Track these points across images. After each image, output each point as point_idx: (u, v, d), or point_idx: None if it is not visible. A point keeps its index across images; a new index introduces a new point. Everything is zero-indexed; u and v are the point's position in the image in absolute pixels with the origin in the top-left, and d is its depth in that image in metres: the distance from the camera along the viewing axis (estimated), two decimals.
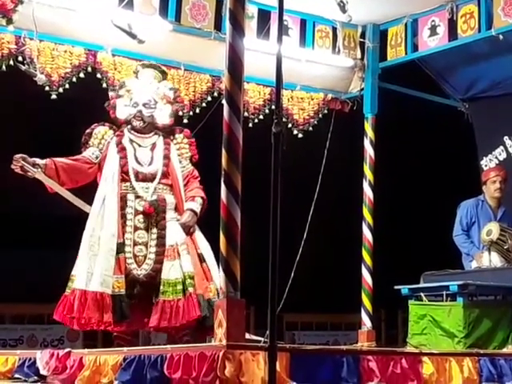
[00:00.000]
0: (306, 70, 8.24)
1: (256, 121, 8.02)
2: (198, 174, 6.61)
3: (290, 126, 8.26)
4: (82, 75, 7.11)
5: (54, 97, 6.95)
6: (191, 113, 7.55)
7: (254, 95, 8.04)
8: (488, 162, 9.27)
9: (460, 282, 6.44)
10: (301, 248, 6.81)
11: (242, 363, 4.39)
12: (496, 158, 9.26)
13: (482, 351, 5.85)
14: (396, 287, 6.89)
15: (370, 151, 8.40)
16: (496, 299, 6.73)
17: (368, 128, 8.46)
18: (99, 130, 6.58)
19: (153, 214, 6.34)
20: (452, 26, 7.85)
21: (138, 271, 6.28)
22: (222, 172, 4.70)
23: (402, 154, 12.04)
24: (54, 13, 6.82)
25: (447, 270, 7.22)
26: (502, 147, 9.22)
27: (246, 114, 7.74)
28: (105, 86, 7.18)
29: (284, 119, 7.84)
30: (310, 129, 8.44)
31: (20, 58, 6.79)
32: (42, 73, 6.81)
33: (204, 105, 7.68)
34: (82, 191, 6.55)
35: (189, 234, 6.39)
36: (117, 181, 6.36)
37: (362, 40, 8.48)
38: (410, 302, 6.79)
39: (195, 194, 6.49)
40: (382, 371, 4.98)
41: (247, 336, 4.90)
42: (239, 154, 4.70)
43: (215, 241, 4.75)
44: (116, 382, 4.87)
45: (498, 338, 6.49)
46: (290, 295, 5.53)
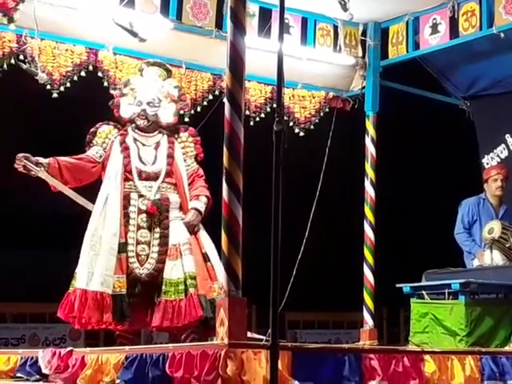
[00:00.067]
0: (307, 68, 8.24)
1: (257, 119, 8.02)
2: (203, 172, 6.58)
3: (291, 124, 8.26)
4: (83, 74, 7.11)
5: (55, 95, 6.95)
6: (192, 111, 7.55)
7: (256, 93, 8.04)
8: (489, 160, 9.27)
9: (462, 281, 6.44)
10: (302, 246, 6.81)
11: (243, 362, 4.39)
12: (497, 156, 9.25)
13: (483, 349, 5.85)
14: (398, 285, 6.89)
15: (371, 149, 8.40)
16: (498, 297, 6.73)
17: (369, 126, 8.45)
18: (103, 128, 6.57)
19: (156, 213, 6.33)
20: (453, 24, 7.84)
21: (140, 270, 6.27)
22: (224, 170, 4.71)
23: (404, 152, 12.04)
24: (55, 11, 6.82)
25: (449, 268, 7.21)
26: (503, 145, 9.22)
27: (247, 112, 7.72)
28: (106, 84, 7.18)
29: (285, 117, 7.84)
30: (312, 127, 8.43)
31: (21, 57, 6.79)
32: (44, 71, 6.81)
33: (205, 103, 7.68)
34: (85, 190, 6.55)
35: (193, 233, 6.36)
36: (120, 180, 6.34)
37: (363, 38, 8.48)
38: (411, 300, 6.79)
39: (200, 193, 6.46)
40: (383, 370, 4.98)
41: (249, 334, 4.90)
42: (240, 152, 4.70)
43: (219, 239, 4.75)
44: (118, 381, 4.87)
45: (500, 336, 6.49)
46: (291, 294, 5.52)
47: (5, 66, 6.73)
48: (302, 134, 8.37)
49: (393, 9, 8.16)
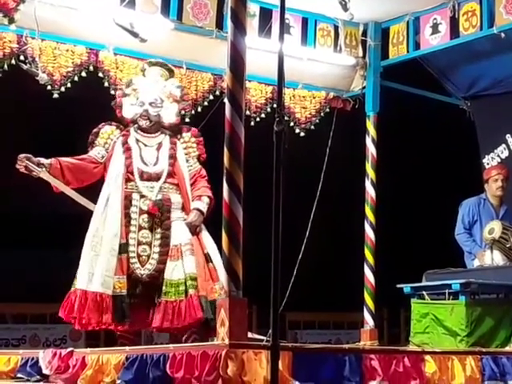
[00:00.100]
0: (307, 68, 8.23)
1: (258, 119, 8.02)
2: (205, 173, 6.56)
3: (291, 124, 8.26)
4: (83, 74, 7.11)
5: (55, 96, 6.94)
6: (193, 111, 7.54)
7: (256, 94, 8.04)
8: (490, 161, 9.26)
9: (462, 281, 6.43)
10: (303, 247, 6.81)
11: (244, 362, 4.39)
12: (498, 156, 9.25)
13: (484, 350, 5.85)
14: (398, 286, 6.88)
15: (371, 149, 8.40)
16: (498, 297, 6.72)
17: (370, 126, 8.45)
18: (106, 129, 6.57)
19: (157, 214, 6.32)
20: (454, 24, 7.84)
21: (141, 271, 6.26)
22: (224, 171, 4.70)
23: (404, 152, 12.05)
24: (55, 12, 6.82)
25: (449, 269, 7.21)
26: (504, 145, 9.22)
27: (247, 112, 7.73)
28: (107, 84, 7.18)
29: (286, 118, 7.83)
30: (312, 127, 8.43)
31: (22, 57, 6.79)
32: (44, 72, 6.81)
33: (206, 103, 7.68)
34: (87, 190, 6.54)
35: (195, 233, 6.35)
36: (121, 181, 6.33)
37: (363, 38, 8.47)
38: (412, 300, 6.78)
39: (202, 194, 6.44)
40: (384, 370, 4.98)
41: (249, 335, 4.90)
42: (241, 152, 4.70)
43: (221, 240, 4.74)
44: (118, 382, 4.87)
45: (501, 336, 6.48)
46: (292, 294, 5.53)
47: (5, 66, 6.73)
48: (302, 134, 8.37)
49: (393, 9, 8.15)
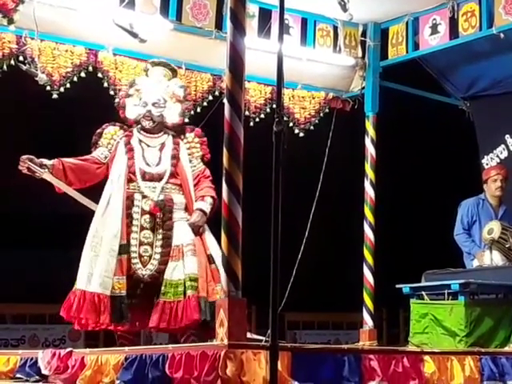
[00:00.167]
0: (307, 68, 8.23)
1: (257, 120, 8.02)
2: (209, 173, 6.53)
3: (291, 124, 8.25)
4: (83, 75, 7.11)
5: (55, 96, 6.94)
6: (192, 112, 7.54)
7: (255, 94, 8.04)
8: (489, 161, 9.27)
9: (461, 281, 6.44)
10: (302, 247, 6.80)
11: (243, 362, 4.39)
12: (497, 156, 9.25)
13: (483, 350, 5.85)
14: (397, 286, 6.88)
15: (371, 150, 8.40)
16: (497, 298, 6.72)
17: (369, 127, 8.45)
18: (109, 129, 6.57)
19: (158, 214, 6.32)
20: (453, 24, 7.84)
21: (143, 271, 6.25)
22: (224, 171, 4.71)
23: (403, 152, 12.05)
24: (54, 12, 6.82)
25: (449, 269, 7.21)
26: (503, 146, 9.22)
27: (247, 112, 7.73)
28: (106, 85, 7.18)
29: (285, 118, 7.83)
30: (311, 128, 8.43)
31: (21, 58, 6.79)
32: (43, 72, 6.81)
33: (205, 104, 7.68)
34: (90, 191, 6.53)
35: (198, 234, 6.33)
36: (123, 181, 6.32)
37: (362, 39, 8.47)
38: (411, 300, 6.78)
39: (205, 194, 6.41)
40: (383, 370, 4.98)
41: (249, 335, 4.90)
42: (240, 152, 4.70)
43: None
44: (118, 382, 4.87)
45: (500, 336, 6.48)
46: (291, 294, 5.52)
47: (5, 67, 6.73)
48: (301, 134, 8.37)
49: (392, 9, 8.16)
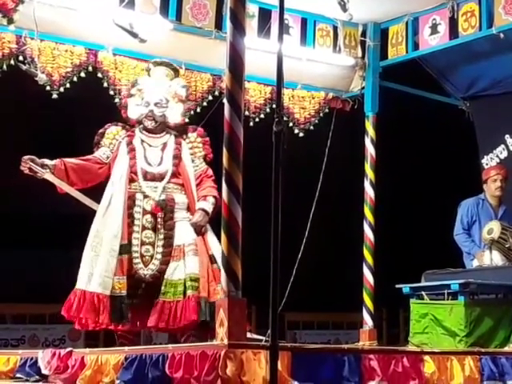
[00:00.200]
0: (306, 68, 8.23)
1: (257, 120, 8.01)
2: (212, 173, 6.52)
3: (290, 124, 8.25)
4: (82, 75, 7.11)
5: (54, 96, 6.94)
6: (192, 112, 7.54)
7: (255, 94, 8.03)
8: (489, 161, 9.27)
9: (461, 281, 6.44)
10: (302, 247, 6.80)
11: (243, 362, 4.39)
12: (497, 156, 9.25)
13: (483, 350, 5.85)
14: (397, 286, 6.88)
15: (370, 150, 8.40)
16: (497, 298, 6.72)
17: (369, 127, 8.45)
18: (111, 130, 6.57)
19: (160, 214, 6.31)
20: (453, 24, 7.84)
21: (145, 271, 6.25)
22: (223, 171, 4.71)
23: (403, 152, 12.04)
24: (54, 12, 6.82)
25: (448, 269, 7.21)
26: (503, 146, 9.22)
27: (246, 112, 7.72)
28: (106, 85, 7.18)
29: (285, 118, 7.83)
30: (311, 128, 8.43)
31: (21, 58, 6.78)
32: (43, 72, 6.81)
33: (205, 104, 7.67)
34: (92, 191, 6.53)
35: (200, 233, 6.32)
36: (124, 181, 6.32)
37: (362, 39, 8.47)
38: (411, 300, 6.78)
39: (207, 194, 6.41)
40: (383, 370, 4.98)
41: (248, 335, 4.90)
42: (240, 152, 4.70)
43: None
44: (117, 382, 4.87)
45: (500, 336, 6.48)
46: (291, 294, 5.52)
47: (4, 66, 6.73)
48: (301, 134, 8.37)
49: (392, 9, 8.16)
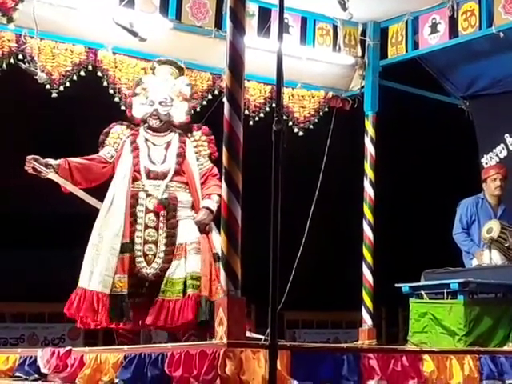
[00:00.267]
0: (306, 67, 8.23)
1: (257, 119, 8.01)
2: (217, 171, 6.48)
3: (290, 123, 8.25)
4: (82, 73, 7.11)
5: (54, 95, 6.94)
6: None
7: (255, 93, 8.03)
8: (488, 160, 9.27)
9: (461, 280, 6.44)
10: (302, 246, 6.80)
11: (242, 361, 4.39)
12: (497, 155, 9.26)
13: (482, 349, 5.85)
14: (397, 285, 6.89)
15: (370, 149, 8.40)
16: (497, 297, 6.73)
17: (369, 126, 8.46)
18: (116, 129, 6.57)
19: (162, 213, 6.31)
20: (453, 23, 7.85)
21: (147, 270, 6.24)
22: (223, 170, 4.71)
23: (403, 151, 12.04)
24: (54, 11, 6.82)
25: (448, 268, 7.21)
26: (502, 145, 9.22)
27: (246, 111, 7.73)
28: (105, 84, 7.18)
29: (284, 117, 7.81)
30: (311, 127, 8.43)
31: (20, 57, 6.79)
32: (43, 71, 6.81)
33: (205, 103, 7.67)
34: (96, 190, 6.52)
35: (204, 232, 6.31)
36: (127, 180, 6.32)
37: (362, 38, 8.48)
38: (410, 299, 6.79)
39: (212, 192, 6.38)
40: (382, 369, 4.98)
41: (248, 334, 4.90)
42: (240, 151, 4.71)
43: None
44: (117, 380, 4.88)
45: (499, 335, 6.49)
46: (290, 293, 5.52)
47: (4, 65, 6.74)
48: (301, 133, 8.37)
49: (392, 8, 8.16)
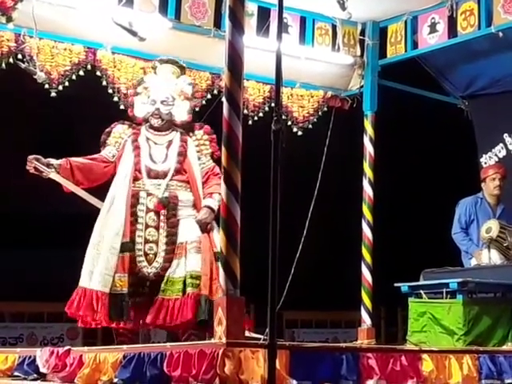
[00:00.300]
0: (305, 67, 8.23)
1: (256, 118, 8.01)
2: (219, 170, 6.43)
3: (289, 123, 8.25)
4: (81, 73, 7.11)
5: (53, 94, 6.95)
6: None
7: (254, 93, 8.04)
8: (488, 160, 9.27)
9: (460, 280, 6.44)
10: (300, 246, 6.81)
11: (241, 361, 4.39)
12: (496, 155, 9.26)
13: (481, 348, 5.85)
14: (396, 285, 6.88)
15: (369, 149, 8.41)
16: (496, 296, 6.72)
17: (368, 125, 8.46)
18: (118, 128, 6.57)
19: (163, 212, 6.31)
20: (452, 23, 7.85)
21: (149, 269, 6.24)
22: (222, 170, 4.71)
23: (402, 151, 12.04)
24: (53, 10, 6.82)
25: (447, 268, 7.21)
26: (501, 144, 9.22)
27: (245, 111, 7.74)
28: (104, 83, 7.18)
29: (283, 117, 7.82)
30: (310, 126, 8.43)
31: (20, 56, 6.79)
32: (42, 70, 6.81)
33: (204, 102, 7.67)
34: (99, 190, 6.52)
35: (205, 231, 6.29)
36: (128, 180, 6.31)
37: (361, 37, 8.48)
38: (409, 299, 6.78)
39: (213, 191, 6.36)
40: (381, 368, 4.98)
41: (247, 333, 4.90)
42: (239, 151, 4.70)
43: None
44: (116, 380, 4.87)
45: (498, 335, 6.48)
46: (289, 293, 5.53)
47: (3, 65, 6.74)
48: (300, 133, 8.37)
49: (391, 8, 8.16)
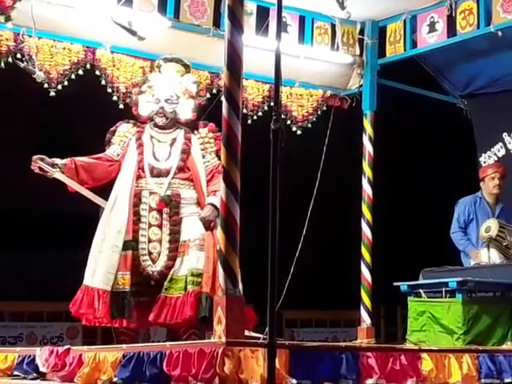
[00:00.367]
0: (304, 66, 8.23)
1: (255, 117, 8.01)
2: None
3: (288, 122, 8.25)
4: (80, 72, 7.11)
5: (52, 94, 6.95)
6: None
7: (253, 92, 8.03)
8: (487, 159, 9.27)
9: (459, 279, 6.44)
10: (300, 245, 6.81)
11: (241, 360, 4.39)
12: (495, 154, 9.26)
13: (481, 348, 5.85)
14: (395, 284, 6.88)
15: (368, 148, 8.41)
16: (495, 296, 6.72)
17: (367, 124, 8.46)
18: (122, 127, 6.57)
19: (165, 210, 6.31)
20: (451, 22, 7.85)
21: (153, 268, 6.24)
22: (221, 169, 4.71)
23: (401, 150, 12.05)
24: (52, 10, 6.82)
25: (446, 267, 7.21)
26: (500, 144, 9.22)
27: (244, 110, 7.73)
28: (104, 83, 7.18)
29: (283, 116, 7.83)
30: (309, 125, 8.43)
31: (19, 55, 6.79)
32: (41, 70, 6.81)
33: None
34: (104, 189, 6.51)
35: (209, 228, 6.27)
36: (132, 178, 6.31)
37: (360, 37, 8.48)
38: (409, 298, 6.78)
39: (217, 189, 6.29)
40: (381, 368, 4.98)
41: (246, 333, 4.90)
42: (238, 150, 4.70)
43: None
44: (115, 379, 4.87)
45: (497, 334, 6.49)
46: (289, 292, 5.53)
47: (2, 64, 6.74)
48: (299, 132, 8.37)
49: (390, 7, 8.16)
